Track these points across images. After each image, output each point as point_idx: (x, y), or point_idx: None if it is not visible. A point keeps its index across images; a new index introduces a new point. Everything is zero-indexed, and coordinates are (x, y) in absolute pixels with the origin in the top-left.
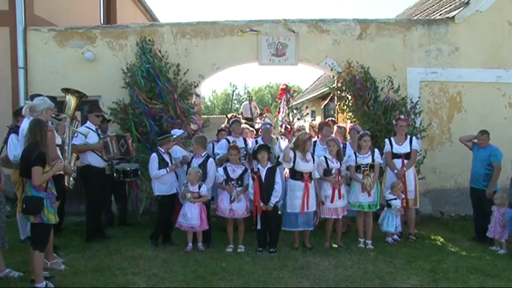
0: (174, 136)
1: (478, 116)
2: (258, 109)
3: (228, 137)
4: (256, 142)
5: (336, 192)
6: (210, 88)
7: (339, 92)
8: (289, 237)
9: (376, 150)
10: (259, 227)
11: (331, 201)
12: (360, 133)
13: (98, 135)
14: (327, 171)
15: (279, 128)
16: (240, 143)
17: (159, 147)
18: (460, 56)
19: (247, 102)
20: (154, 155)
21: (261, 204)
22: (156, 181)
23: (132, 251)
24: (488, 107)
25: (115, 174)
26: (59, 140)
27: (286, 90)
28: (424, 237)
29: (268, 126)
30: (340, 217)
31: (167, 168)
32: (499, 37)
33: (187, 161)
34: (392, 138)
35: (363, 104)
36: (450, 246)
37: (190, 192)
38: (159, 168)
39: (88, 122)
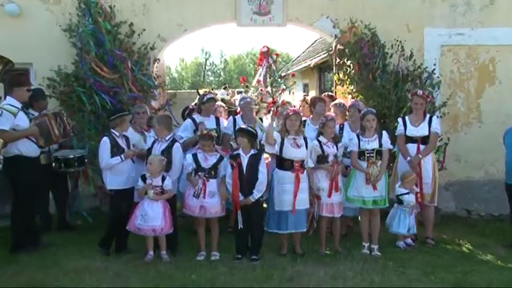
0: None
1: None
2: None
3: (195, 116)
4: (235, 121)
5: (333, 184)
6: (177, 56)
7: (338, 59)
8: (275, 240)
9: (384, 132)
10: (241, 225)
11: (329, 195)
12: (363, 111)
13: (27, 114)
14: (322, 158)
15: (257, 100)
16: (210, 123)
17: (112, 130)
18: (496, 12)
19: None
20: (105, 139)
21: (241, 197)
22: (109, 172)
23: (76, 262)
24: None
25: (54, 164)
26: None
27: (268, 53)
28: (445, 242)
29: (249, 100)
30: (338, 216)
31: (122, 156)
32: None
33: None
34: (407, 118)
35: (369, 74)
36: (480, 253)
37: (153, 187)
38: (112, 156)
39: (9, 97)
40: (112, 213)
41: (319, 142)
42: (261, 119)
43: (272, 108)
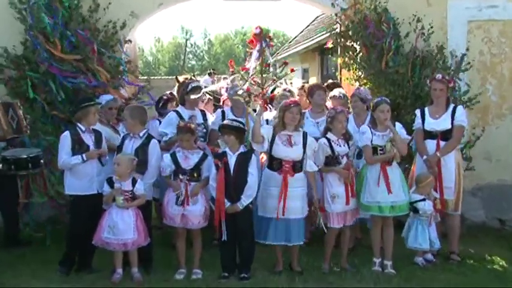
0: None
1: None
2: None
3: (179, 109)
4: (223, 114)
5: (349, 188)
6: (152, 36)
7: (342, 40)
8: (268, 255)
9: (397, 124)
10: (225, 237)
11: (347, 203)
12: (376, 100)
13: None
14: (332, 159)
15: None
16: (197, 117)
17: (77, 123)
18: None
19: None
20: (66, 133)
21: (227, 203)
22: (69, 174)
23: (26, 284)
24: None
25: (1, 166)
26: None
27: (261, 36)
28: (473, 258)
29: (238, 90)
30: (351, 224)
31: (83, 155)
32: None
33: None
34: (426, 109)
35: (379, 57)
36: None
37: (122, 192)
38: (74, 154)
39: None
40: (71, 223)
41: (328, 140)
42: (254, 110)
43: (264, 98)
